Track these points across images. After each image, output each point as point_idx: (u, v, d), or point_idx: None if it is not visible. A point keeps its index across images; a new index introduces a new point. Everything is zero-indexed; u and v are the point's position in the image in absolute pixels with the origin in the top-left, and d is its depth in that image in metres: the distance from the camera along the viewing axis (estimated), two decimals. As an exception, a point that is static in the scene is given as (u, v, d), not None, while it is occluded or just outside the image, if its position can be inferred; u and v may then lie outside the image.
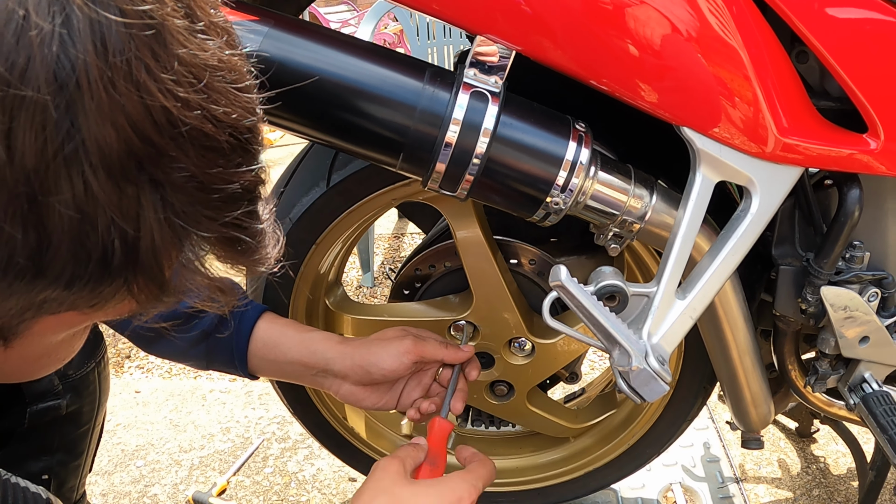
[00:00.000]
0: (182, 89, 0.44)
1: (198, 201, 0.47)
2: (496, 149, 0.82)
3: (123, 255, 0.45)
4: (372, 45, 0.87)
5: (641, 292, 0.87)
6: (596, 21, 0.79)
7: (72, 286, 0.45)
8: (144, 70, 0.42)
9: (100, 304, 0.48)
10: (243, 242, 0.52)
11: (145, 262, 0.46)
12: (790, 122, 0.87)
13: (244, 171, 0.49)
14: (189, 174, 0.45)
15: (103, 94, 0.41)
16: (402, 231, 3.23)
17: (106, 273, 0.45)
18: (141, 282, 0.48)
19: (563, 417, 1.37)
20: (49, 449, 1.10)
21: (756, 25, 0.83)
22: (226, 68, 0.47)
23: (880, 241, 1.09)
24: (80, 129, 0.41)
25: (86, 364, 1.11)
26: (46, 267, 0.44)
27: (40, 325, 0.51)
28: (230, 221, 0.50)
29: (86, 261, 0.44)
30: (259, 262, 0.56)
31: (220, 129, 0.47)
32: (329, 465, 1.84)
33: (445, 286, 1.29)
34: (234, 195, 0.49)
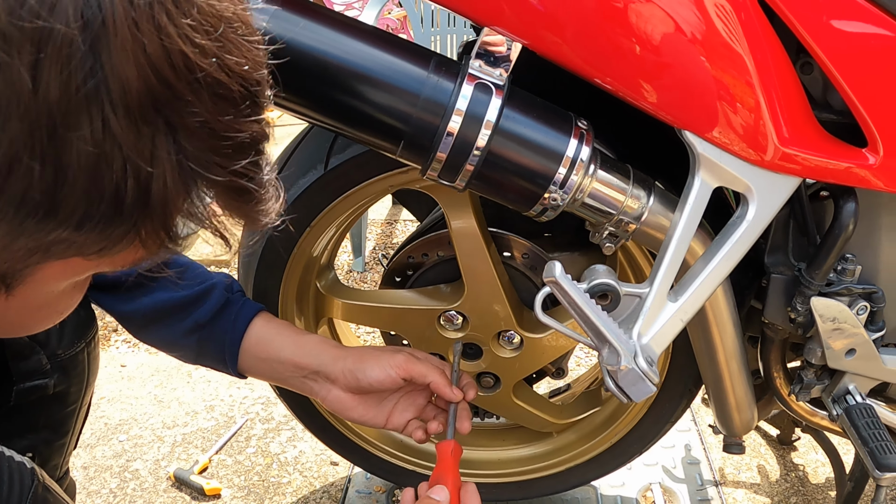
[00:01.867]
0: (199, 36, 0.46)
1: (209, 147, 0.49)
2: (497, 141, 0.82)
3: (135, 195, 0.46)
4: (378, 31, 0.87)
5: (634, 292, 0.87)
6: (605, 19, 0.79)
7: (82, 227, 0.47)
8: (165, 15, 0.44)
9: (107, 249, 0.50)
10: (248, 191, 0.54)
11: (155, 204, 0.48)
12: (791, 132, 0.87)
13: (252, 121, 0.51)
14: (202, 119, 0.47)
15: (127, 33, 0.43)
16: (396, 217, 3.22)
17: (117, 214, 0.47)
18: (149, 226, 0.49)
19: (548, 412, 1.38)
20: (34, 427, 1.09)
21: (763, 33, 0.83)
22: (239, 21, 0.50)
23: (872, 255, 1.10)
24: (102, 67, 0.42)
25: (76, 344, 1.09)
26: (60, 204, 0.45)
27: (45, 270, 0.52)
28: (238, 170, 0.51)
29: (98, 199, 0.45)
30: (262, 214, 0.57)
31: (233, 79, 0.49)
32: (311, 448, 1.84)
33: (437, 275, 1.29)
34: (243, 144, 0.51)
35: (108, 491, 1.75)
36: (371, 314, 1.31)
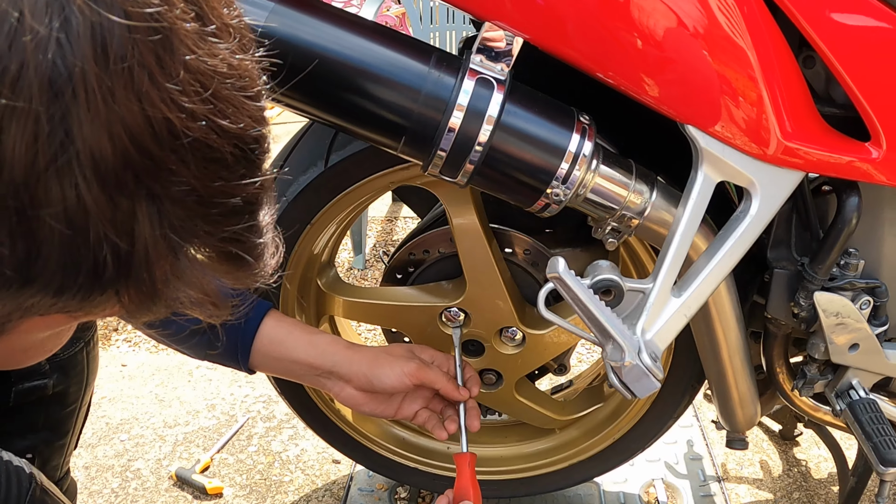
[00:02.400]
0: (187, 99, 0.41)
1: (196, 215, 0.44)
2: (499, 137, 0.82)
3: (115, 268, 0.42)
4: (378, 26, 0.87)
5: (637, 288, 0.87)
6: (606, 12, 0.78)
7: (61, 295, 0.43)
8: (148, 78, 0.39)
9: (89, 309, 0.46)
10: (240, 258, 0.49)
11: (137, 275, 0.44)
12: (794, 126, 0.87)
13: (247, 183, 0.46)
14: (189, 187, 0.43)
15: (101, 104, 0.38)
16: (396, 214, 3.22)
17: (97, 284, 0.43)
18: (132, 292, 0.45)
19: (550, 409, 1.38)
20: (34, 428, 1.09)
21: (766, 27, 0.83)
22: (235, 75, 0.44)
23: (875, 249, 1.10)
24: (74, 140, 0.38)
25: (74, 344, 1.09)
26: (35, 277, 0.41)
27: (27, 324, 0.49)
28: (229, 236, 0.47)
29: (75, 273, 0.42)
30: (256, 277, 0.53)
31: (225, 140, 0.44)
32: (313, 447, 1.84)
33: (439, 272, 1.28)
34: (235, 208, 0.46)
35: (109, 491, 1.74)
36: (372, 311, 1.31)
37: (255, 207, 0.48)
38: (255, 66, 0.47)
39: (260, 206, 0.49)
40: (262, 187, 0.48)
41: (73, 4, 0.37)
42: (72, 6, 0.37)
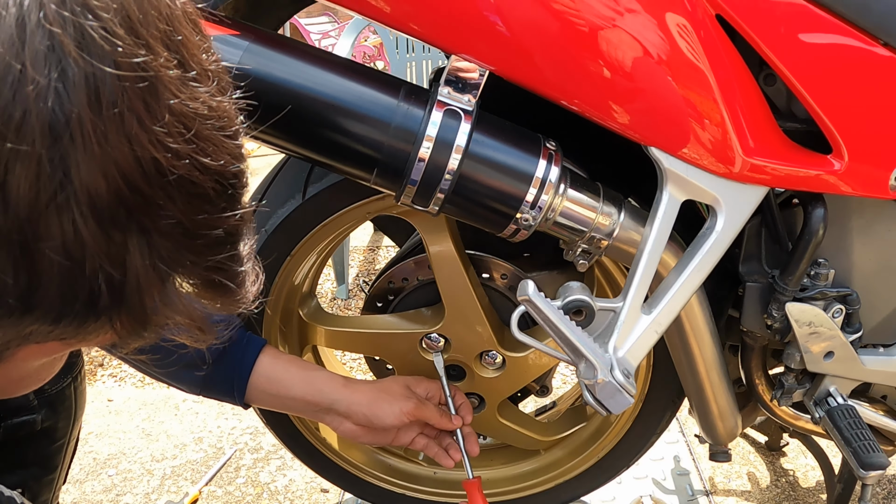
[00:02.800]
0: (172, 139, 0.44)
1: (183, 246, 0.48)
2: (468, 165, 0.84)
3: (109, 296, 0.45)
4: (349, 62, 0.89)
5: (608, 307, 0.89)
6: (568, 43, 0.81)
7: (59, 322, 0.46)
8: (136, 122, 0.43)
9: (83, 336, 0.49)
10: (224, 285, 0.53)
11: (129, 302, 0.47)
12: (756, 143, 0.89)
13: (228, 215, 0.50)
14: (175, 221, 0.46)
15: (96, 146, 0.41)
16: (378, 244, 3.24)
17: (92, 311, 0.46)
18: (124, 319, 0.48)
19: (534, 430, 1.39)
20: (23, 463, 1.10)
21: (723, 49, 0.85)
22: (215, 116, 0.48)
23: (845, 258, 1.12)
24: (72, 180, 0.41)
25: (62, 380, 1.10)
26: (35, 306, 0.44)
27: (25, 351, 0.51)
28: (212, 265, 0.50)
29: (73, 301, 0.45)
30: (238, 304, 0.56)
31: (207, 177, 0.47)
32: (301, 476, 1.84)
33: (418, 299, 1.30)
34: (218, 239, 0.50)
35: (98, 528, 1.74)
36: (354, 340, 1.32)
37: (237, 238, 0.52)
38: (232, 106, 0.50)
39: (240, 237, 0.52)
40: (242, 219, 0.51)
41: (69, 56, 0.40)
42: (68, 58, 0.40)
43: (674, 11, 0.82)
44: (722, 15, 0.85)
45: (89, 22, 0.41)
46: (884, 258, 1.12)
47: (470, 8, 0.80)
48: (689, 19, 0.82)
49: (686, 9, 0.82)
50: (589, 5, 0.80)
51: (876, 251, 1.12)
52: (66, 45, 0.40)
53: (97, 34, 0.41)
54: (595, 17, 0.80)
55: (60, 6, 0.40)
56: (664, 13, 0.82)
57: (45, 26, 0.40)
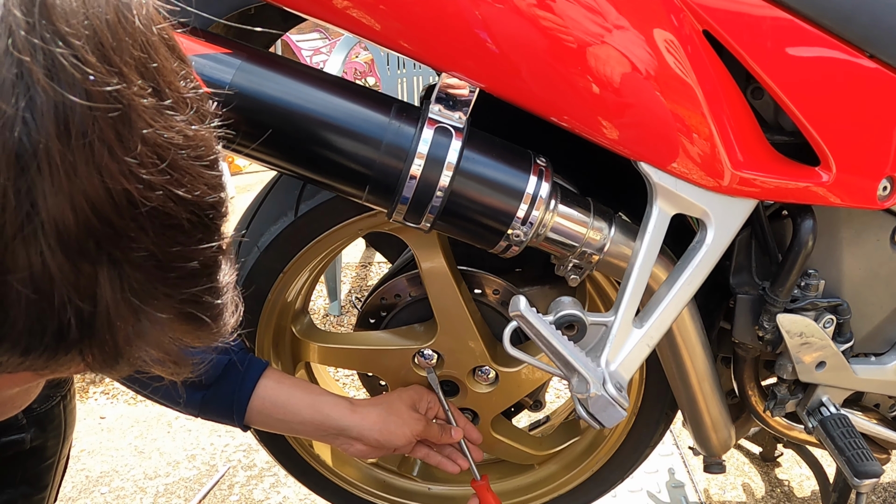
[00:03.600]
0: (145, 170, 0.43)
1: (156, 279, 0.46)
2: (459, 182, 0.84)
3: (79, 329, 0.44)
4: (340, 80, 0.89)
5: (599, 321, 0.89)
6: (557, 60, 0.81)
7: (27, 354, 0.44)
8: (107, 152, 0.41)
9: (55, 368, 0.47)
10: (200, 318, 0.50)
11: (100, 336, 0.45)
12: (744, 156, 0.90)
13: (204, 248, 0.48)
14: (148, 253, 0.44)
15: (63, 178, 0.40)
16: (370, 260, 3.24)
17: (61, 344, 0.44)
18: (95, 352, 0.46)
19: (528, 444, 1.39)
20: (12, 482, 1.09)
21: (711, 64, 0.86)
22: (191, 145, 0.46)
23: (835, 269, 1.13)
24: (39, 211, 0.40)
25: (51, 398, 1.09)
26: (2, 338, 0.43)
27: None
28: (187, 298, 0.48)
29: (41, 334, 0.43)
30: (215, 336, 0.54)
31: (182, 208, 0.45)
32: (295, 493, 1.84)
33: (411, 315, 1.30)
34: (193, 272, 0.48)
35: (91, 548, 1.73)
36: (347, 356, 1.32)
37: (213, 270, 0.50)
38: (211, 134, 0.49)
39: (218, 268, 0.51)
40: (220, 250, 0.50)
41: (38, 85, 0.39)
42: (36, 87, 0.39)
43: (661, 27, 0.83)
44: (709, 30, 0.85)
45: (59, 49, 0.40)
46: (873, 268, 1.13)
47: (459, 26, 0.80)
48: (676, 35, 0.83)
49: (673, 25, 0.83)
50: (577, 22, 0.80)
51: (865, 261, 1.13)
52: (35, 73, 0.39)
53: (67, 62, 0.40)
54: (583, 34, 0.81)
55: (30, 33, 0.39)
56: (651, 29, 0.82)
57: (14, 54, 0.38)
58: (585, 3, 0.80)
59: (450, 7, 0.80)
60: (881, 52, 0.90)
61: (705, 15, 0.85)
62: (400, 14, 0.81)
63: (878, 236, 1.11)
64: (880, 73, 0.91)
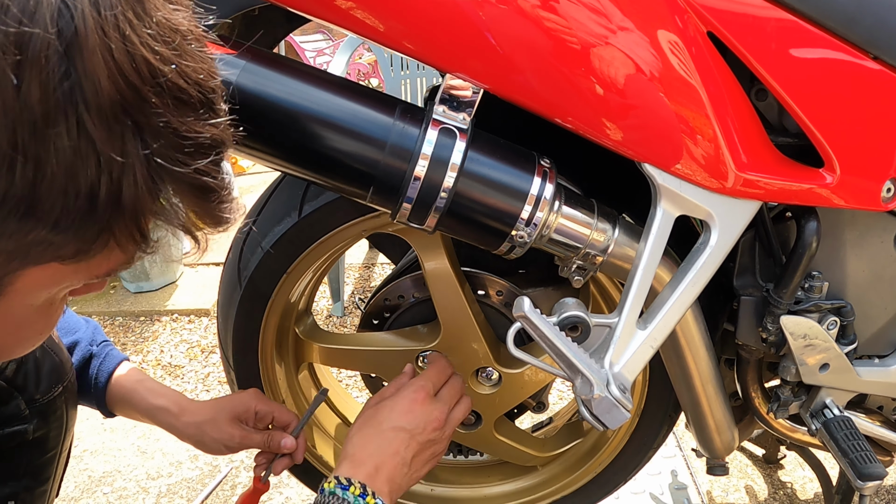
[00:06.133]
0: (159, 45, 0.51)
1: (173, 146, 0.53)
2: (463, 183, 0.84)
3: (108, 192, 0.50)
4: (345, 81, 0.89)
5: (603, 323, 0.89)
6: (561, 61, 0.81)
7: (59, 225, 0.50)
8: (129, 25, 0.50)
9: (83, 252, 0.54)
10: (211, 189, 0.58)
11: (127, 200, 0.52)
12: (749, 157, 0.89)
13: (211, 124, 0.57)
14: (166, 120, 0.52)
15: (97, 40, 0.48)
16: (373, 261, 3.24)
17: (91, 210, 0.51)
18: (122, 224, 0.53)
19: (531, 446, 1.39)
20: (15, 474, 1.09)
21: (715, 66, 0.86)
22: (193, 36, 0.56)
23: (839, 271, 1.12)
24: (76, 70, 0.47)
25: (53, 389, 1.10)
26: (39, 201, 0.49)
27: (24, 279, 0.56)
28: (201, 168, 0.56)
29: (74, 196, 0.49)
30: (225, 211, 0.62)
31: (191, 85, 0.54)
32: (297, 494, 1.84)
33: (414, 316, 1.30)
34: (203, 145, 0.56)
35: (94, 548, 1.73)
36: (350, 357, 1.32)
37: (220, 149, 0.58)
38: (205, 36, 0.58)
39: (224, 147, 0.59)
40: (224, 132, 0.59)
41: None
42: None
43: (665, 29, 0.82)
44: (713, 32, 0.85)
45: None
46: (877, 269, 1.13)
47: (463, 27, 0.80)
48: (680, 37, 0.83)
49: (677, 26, 0.83)
50: (581, 24, 0.80)
51: (869, 263, 1.13)
52: None
53: None
54: (588, 36, 0.80)
55: None
56: (656, 31, 0.82)
57: None
58: (590, 4, 0.80)
59: (454, 8, 0.80)
60: (885, 54, 0.90)
61: (709, 16, 0.85)
62: (404, 15, 0.81)
63: (882, 238, 1.10)
64: (884, 75, 0.90)
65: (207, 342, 2.74)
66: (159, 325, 2.91)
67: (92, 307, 3.07)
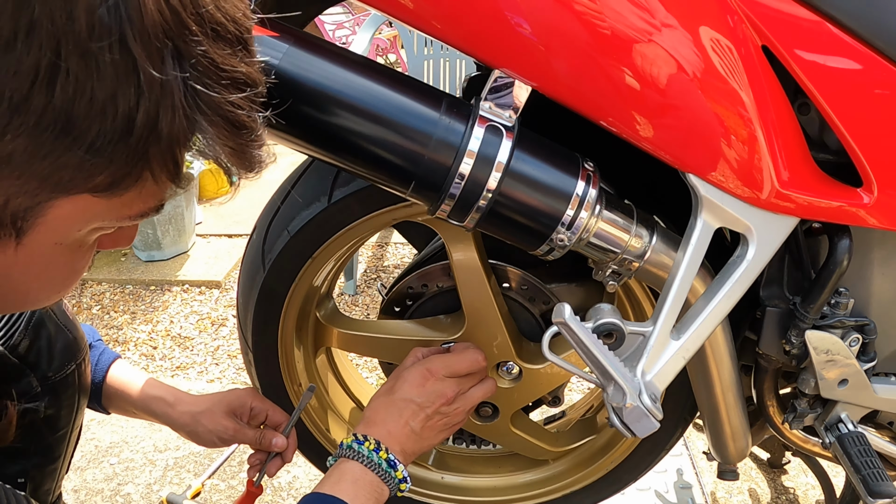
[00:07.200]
0: None
1: (209, 75, 0.54)
2: (508, 183, 0.84)
3: (145, 117, 0.51)
4: (389, 70, 0.88)
5: (638, 331, 0.89)
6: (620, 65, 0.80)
7: (94, 148, 0.51)
8: None
9: (116, 185, 0.54)
10: (246, 126, 0.59)
11: (164, 129, 0.53)
12: (790, 173, 0.89)
13: (246, 62, 0.58)
14: (204, 50, 0.53)
15: None
16: (386, 240, 3.23)
17: (128, 134, 0.51)
18: (157, 153, 0.54)
19: (545, 440, 1.39)
20: (25, 452, 1.08)
21: (766, 80, 0.86)
22: None
23: (864, 289, 1.12)
24: None
25: (66, 366, 1.09)
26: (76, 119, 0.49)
27: (55, 211, 0.56)
28: (235, 101, 0.57)
29: (112, 117, 0.50)
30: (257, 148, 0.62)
31: (228, 21, 0.56)
32: (305, 474, 1.84)
33: (436, 306, 1.30)
34: (238, 81, 0.57)
35: (100, 516, 1.74)
36: (370, 344, 1.32)
37: (255, 84, 0.59)
38: None
39: (258, 85, 0.60)
40: (257, 74, 0.60)
41: None
42: None
43: (723, 39, 0.82)
44: (767, 46, 0.85)
45: None
46: (902, 289, 1.13)
47: (519, 24, 0.79)
48: (738, 49, 0.82)
49: (737, 38, 0.82)
50: (645, 31, 0.79)
51: (894, 282, 1.13)
52: None
53: None
54: (650, 41, 0.80)
55: None
56: (713, 40, 0.82)
57: None
58: (649, 8, 0.80)
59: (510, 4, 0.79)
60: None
61: (766, 30, 0.84)
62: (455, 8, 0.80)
63: (910, 258, 1.10)
64: (930, 101, 0.90)
65: (218, 314, 2.75)
66: (170, 295, 2.91)
67: (103, 274, 3.07)
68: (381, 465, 1.00)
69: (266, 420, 1.24)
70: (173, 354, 2.50)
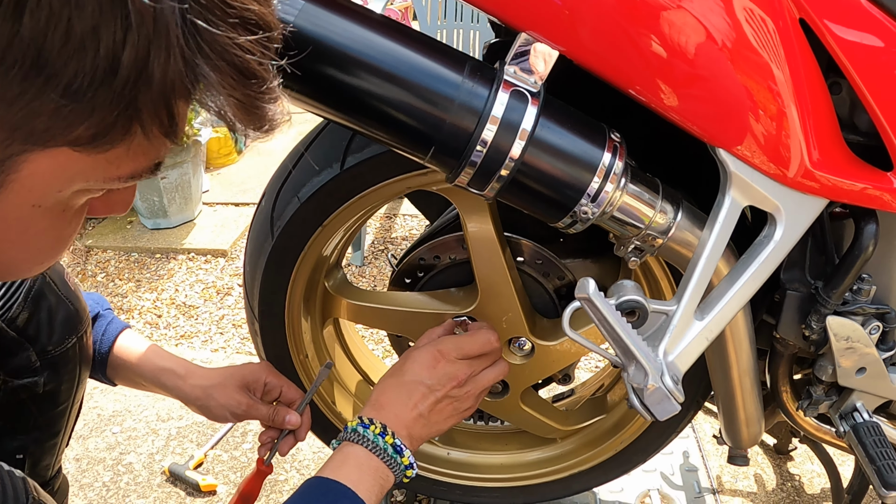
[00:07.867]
0: None
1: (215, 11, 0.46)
2: (532, 151, 0.80)
3: (134, 55, 0.43)
4: (411, 31, 0.84)
5: (661, 310, 0.86)
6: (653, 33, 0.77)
7: (72, 91, 0.42)
8: None
9: (100, 137, 0.46)
10: (255, 74, 0.51)
11: (156, 72, 0.44)
12: (821, 153, 0.86)
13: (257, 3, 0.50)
14: None
15: None
16: (395, 211, 3.20)
17: (112, 75, 0.43)
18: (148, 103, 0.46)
19: (554, 419, 1.37)
20: (24, 428, 1.06)
21: (802, 55, 0.82)
22: None
23: (887, 275, 1.10)
24: None
25: (66, 340, 1.06)
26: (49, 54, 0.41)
27: (30, 166, 0.48)
28: (244, 45, 0.48)
29: (94, 53, 0.42)
30: (270, 101, 0.54)
31: None
32: (308, 446, 1.83)
33: (448, 278, 1.27)
34: (249, 21, 0.49)
35: (101, 484, 1.73)
36: (379, 316, 1.29)
37: (268, 32, 0.51)
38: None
39: (272, 29, 0.51)
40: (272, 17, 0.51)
41: None
42: None
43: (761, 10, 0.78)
44: (805, 19, 0.81)
45: None
46: (924, 278, 1.10)
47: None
48: (774, 20, 0.79)
49: (774, 9, 0.79)
50: (679, 0, 0.76)
51: (917, 271, 1.10)
52: None
53: None
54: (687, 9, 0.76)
55: None
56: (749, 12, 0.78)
57: None
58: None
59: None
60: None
61: (805, 3, 0.80)
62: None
63: (935, 246, 1.07)
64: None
65: (223, 283, 2.73)
66: (175, 263, 2.89)
67: (108, 241, 3.05)
68: (386, 450, 0.95)
69: (280, 396, 1.20)
70: (178, 323, 2.49)
